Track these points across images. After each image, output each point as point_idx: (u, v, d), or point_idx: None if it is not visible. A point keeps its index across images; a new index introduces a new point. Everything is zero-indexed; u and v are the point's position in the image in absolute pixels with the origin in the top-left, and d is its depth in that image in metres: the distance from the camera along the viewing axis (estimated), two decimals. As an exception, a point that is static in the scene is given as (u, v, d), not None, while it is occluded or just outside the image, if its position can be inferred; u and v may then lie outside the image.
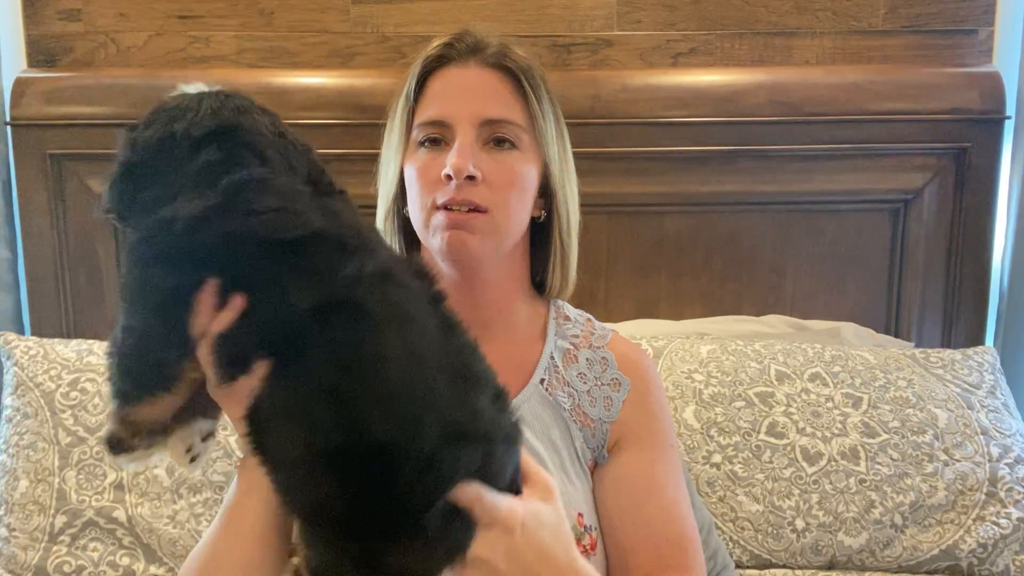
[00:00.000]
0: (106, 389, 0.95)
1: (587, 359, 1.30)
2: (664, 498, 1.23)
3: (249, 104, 0.93)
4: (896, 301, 2.21)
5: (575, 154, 2.09)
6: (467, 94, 1.21)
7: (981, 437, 1.82)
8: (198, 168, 0.84)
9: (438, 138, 1.22)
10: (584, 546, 1.19)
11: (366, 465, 0.78)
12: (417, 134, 1.24)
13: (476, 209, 1.19)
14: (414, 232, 1.29)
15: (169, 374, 0.90)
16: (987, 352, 1.99)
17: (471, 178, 1.17)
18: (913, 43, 2.17)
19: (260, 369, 0.84)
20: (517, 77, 1.23)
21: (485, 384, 0.88)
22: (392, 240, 1.32)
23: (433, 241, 1.21)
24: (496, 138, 1.21)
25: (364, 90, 2.10)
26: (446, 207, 1.19)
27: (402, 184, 1.28)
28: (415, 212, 1.24)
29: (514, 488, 0.91)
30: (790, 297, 2.21)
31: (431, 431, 0.80)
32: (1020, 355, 2.17)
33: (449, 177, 1.17)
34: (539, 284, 1.36)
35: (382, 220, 1.33)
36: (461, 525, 0.83)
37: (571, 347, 1.31)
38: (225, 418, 0.97)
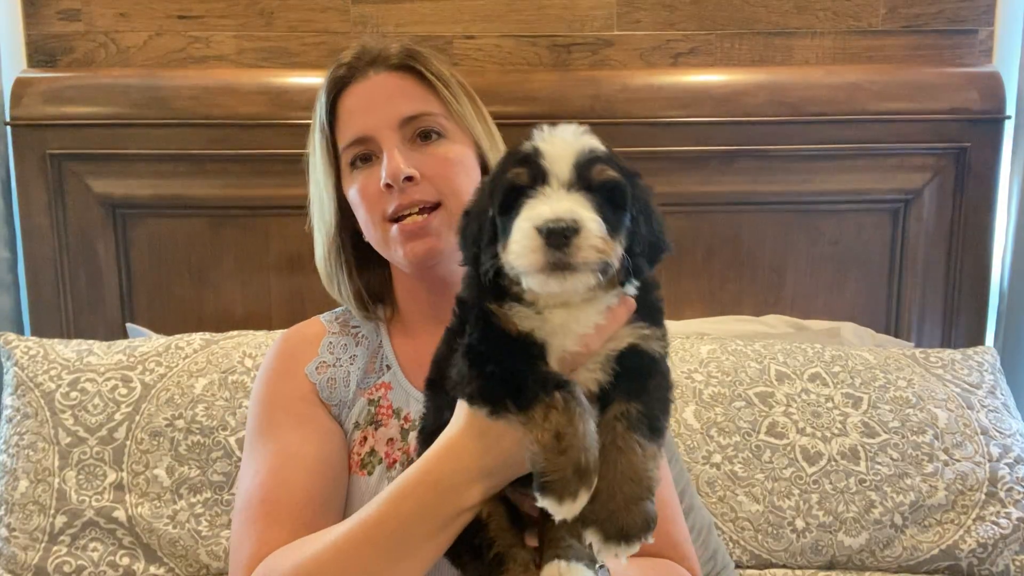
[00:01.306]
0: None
1: None
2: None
3: None
4: (896, 301, 2.21)
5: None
6: (377, 103, 1.22)
7: (981, 437, 1.82)
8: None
9: (367, 154, 1.23)
10: None
11: None
12: (346, 158, 1.25)
13: (426, 208, 1.20)
14: (361, 256, 1.30)
15: None
16: (987, 352, 1.99)
17: (409, 179, 1.18)
18: (913, 43, 2.18)
19: None
20: (419, 72, 1.25)
21: None
22: (339, 268, 1.31)
23: (395, 256, 1.22)
24: (421, 132, 1.22)
25: (364, 90, 2.10)
26: (397, 218, 1.19)
27: (342, 212, 1.28)
28: (371, 232, 1.24)
29: None
30: (790, 297, 2.21)
31: None
32: (1020, 355, 2.17)
33: (389, 186, 1.18)
34: None
35: (324, 256, 1.32)
36: None
37: None
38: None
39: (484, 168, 1.28)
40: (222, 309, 2.19)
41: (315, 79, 2.12)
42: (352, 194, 1.25)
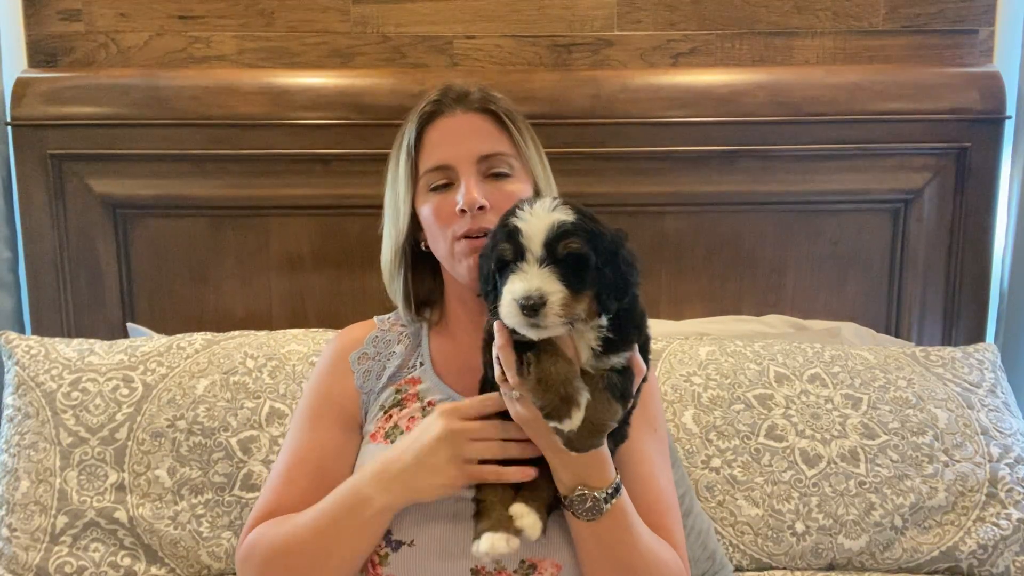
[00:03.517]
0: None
1: None
2: (642, 471, 1.35)
3: None
4: (896, 301, 2.21)
5: (575, 154, 2.13)
6: (461, 138, 1.42)
7: (981, 437, 1.82)
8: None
9: (447, 182, 1.40)
10: None
11: None
12: (426, 181, 1.42)
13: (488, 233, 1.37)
14: (418, 265, 1.49)
15: None
16: (988, 349, 1.99)
17: (481, 208, 1.36)
18: (913, 43, 2.18)
19: None
20: (497, 115, 1.44)
21: None
22: (399, 272, 1.49)
23: (459, 268, 1.39)
24: (494, 172, 1.41)
25: (364, 90, 2.10)
26: (466, 236, 1.37)
27: (412, 224, 1.46)
28: (439, 246, 1.42)
29: None
30: (790, 297, 2.21)
31: None
32: (1021, 355, 2.17)
33: (464, 211, 1.36)
34: None
35: (390, 257, 1.49)
36: None
37: None
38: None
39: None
40: (222, 309, 2.20)
41: (315, 79, 2.12)
42: (426, 211, 1.41)
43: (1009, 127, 2.15)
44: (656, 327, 2.10)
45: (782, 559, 1.73)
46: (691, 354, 1.91)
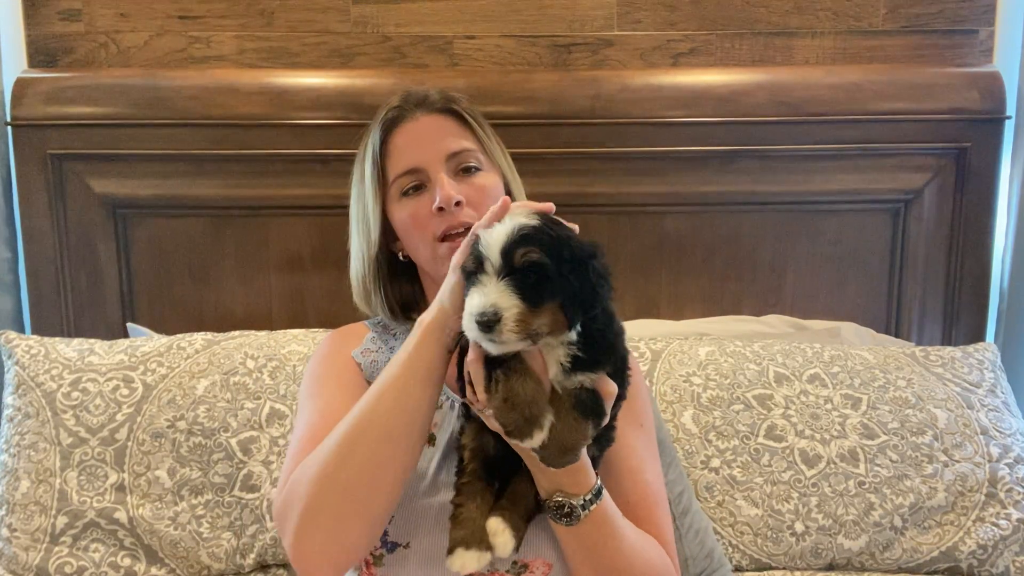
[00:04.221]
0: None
1: None
2: (629, 465, 1.36)
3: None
4: (896, 301, 2.21)
5: (575, 154, 2.13)
6: (427, 140, 1.44)
7: (981, 437, 1.82)
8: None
9: (419, 184, 1.42)
10: None
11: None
12: (397, 186, 1.44)
13: (469, 228, 1.36)
14: (394, 272, 1.50)
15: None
16: (987, 349, 1.99)
17: (458, 204, 1.38)
18: (913, 43, 2.18)
19: None
20: (459, 114, 1.48)
21: None
22: (378, 285, 1.49)
23: (443, 270, 1.37)
24: (464, 167, 1.43)
25: (364, 90, 2.10)
26: (445, 236, 1.39)
27: (384, 234, 1.47)
28: (420, 251, 1.43)
29: None
30: (790, 297, 2.21)
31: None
32: (1021, 355, 2.17)
33: (441, 209, 1.37)
34: None
35: (362, 271, 1.49)
36: None
37: None
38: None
39: (507, 192, 1.50)
40: (222, 309, 2.20)
41: (315, 79, 2.12)
42: (402, 217, 1.43)
43: (1009, 127, 2.15)
44: (656, 327, 2.11)
45: (782, 559, 1.73)
46: (691, 354, 1.91)
